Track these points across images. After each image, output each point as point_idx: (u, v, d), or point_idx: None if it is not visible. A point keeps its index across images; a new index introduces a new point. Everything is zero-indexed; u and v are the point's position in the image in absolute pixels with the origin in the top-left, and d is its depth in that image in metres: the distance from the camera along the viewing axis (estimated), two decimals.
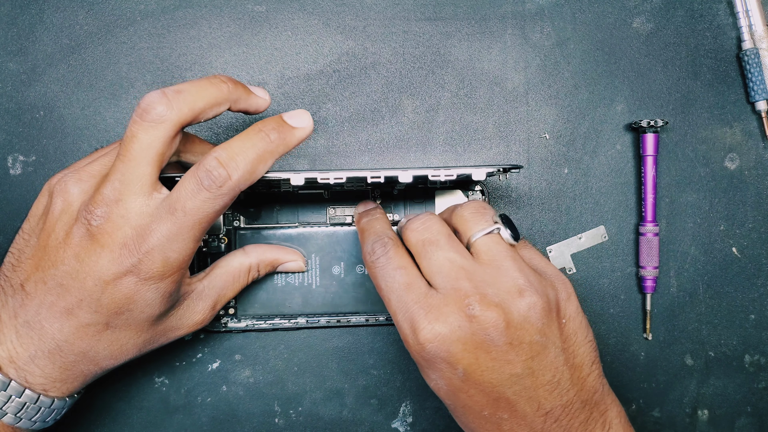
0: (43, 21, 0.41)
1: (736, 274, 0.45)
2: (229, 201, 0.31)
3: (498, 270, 0.32)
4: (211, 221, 0.31)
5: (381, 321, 0.42)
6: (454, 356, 0.31)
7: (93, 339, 0.32)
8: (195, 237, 0.31)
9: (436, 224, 0.34)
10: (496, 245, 0.33)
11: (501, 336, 0.31)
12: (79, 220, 0.31)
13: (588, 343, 0.33)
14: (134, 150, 0.30)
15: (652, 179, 0.43)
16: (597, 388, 0.33)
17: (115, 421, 0.41)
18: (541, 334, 0.31)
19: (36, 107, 0.41)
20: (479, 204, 0.35)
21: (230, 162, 0.30)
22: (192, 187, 0.30)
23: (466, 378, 0.31)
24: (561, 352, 0.32)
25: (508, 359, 0.31)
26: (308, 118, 0.34)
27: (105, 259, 0.30)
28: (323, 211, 0.42)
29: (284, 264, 0.40)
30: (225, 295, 0.37)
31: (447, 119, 0.43)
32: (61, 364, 0.32)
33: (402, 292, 0.32)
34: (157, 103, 0.30)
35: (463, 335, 0.31)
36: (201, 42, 0.42)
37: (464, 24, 0.43)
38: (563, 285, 0.34)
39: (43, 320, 0.31)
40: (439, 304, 0.31)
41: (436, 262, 0.32)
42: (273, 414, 0.42)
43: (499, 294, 0.31)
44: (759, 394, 0.45)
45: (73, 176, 0.33)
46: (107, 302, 0.31)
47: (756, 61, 0.43)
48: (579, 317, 0.33)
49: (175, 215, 0.30)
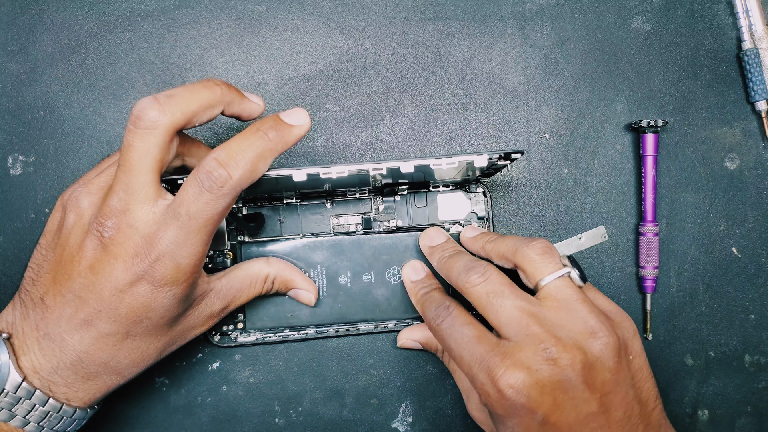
0: (43, 21, 0.41)
1: (736, 274, 0.45)
2: (232, 201, 0.31)
3: (569, 313, 0.32)
4: (217, 222, 0.31)
5: (390, 328, 0.41)
6: (534, 401, 0.30)
7: (113, 349, 0.33)
8: (203, 240, 0.31)
9: (495, 274, 0.34)
10: (567, 288, 0.33)
11: (578, 376, 0.31)
12: (90, 233, 0.31)
13: (651, 378, 0.34)
14: (133, 159, 0.31)
15: (652, 179, 0.43)
16: (661, 422, 0.33)
17: (115, 421, 0.41)
18: (614, 372, 0.32)
19: (36, 107, 0.41)
20: (546, 245, 0.35)
21: (230, 161, 0.30)
22: (194, 190, 0.30)
23: (544, 422, 0.31)
24: (631, 388, 0.32)
25: (585, 398, 0.31)
26: (305, 115, 0.34)
27: (119, 269, 0.31)
28: (327, 221, 0.42)
29: (297, 290, 0.40)
30: (239, 297, 0.37)
31: (447, 119, 0.43)
32: (84, 375, 0.33)
33: (473, 346, 0.32)
34: (149, 109, 0.30)
35: (541, 378, 0.30)
36: (201, 42, 0.42)
37: (464, 24, 0.43)
38: (629, 323, 0.34)
39: (64, 332, 0.32)
40: (513, 351, 0.31)
41: (504, 312, 0.32)
42: (273, 414, 0.42)
43: (572, 336, 0.31)
44: (759, 394, 0.45)
45: (83, 190, 0.33)
46: (125, 311, 0.31)
47: (756, 61, 0.43)
48: (643, 354, 0.34)
49: (180, 220, 0.30)
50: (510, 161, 0.35)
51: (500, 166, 0.37)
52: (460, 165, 0.35)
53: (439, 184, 0.42)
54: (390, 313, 0.41)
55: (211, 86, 0.32)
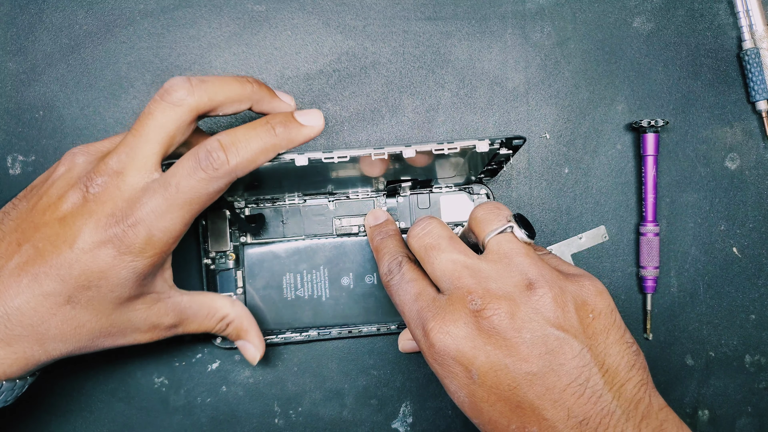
0: (43, 21, 0.41)
1: (736, 274, 0.44)
2: (224, 186, 0.31)
3: (507, 266, 0.31)
4: (203, 204, 0.31)
5: (393, 330, 0.41)
6: (465, 357, 0.29)
7: (48, 312, 0.30)
8: (184, 218, 0.31)
9: (437, 227, 0.33)
10: (508, 243, 0.31)
11: (507, 329, 0.29)
12: (77, 185, 0.31)
13: (624, 343, 0.30)
14: (148, 126, 0.31)
15: (653, 179, 0.43)
16: (641, 398, 0.29)
17: (115, 421, 0.41)
18: (558, 328, 0.29)
19: (35, 107, 0.41)
20: (493, 204, 0.34)
21: (231, 147, 0.30)
22: (190, 165, 0.30)
23: (482, 382, 0.29)
24: (587, 349, 0.29)
25: (522, 355, 0.29)
26: (319, 117, 0.34)
27: (90, 225, 0.30)
28: (329, 222, 0.42)
29: (246, 343, 0.38)
30: (191, 323, 0.36)
31: (447, 119, 0.43)
32: (3, 337, 0.30)
33: (413, 303, 0.32)
34: (179, 87, 0.31)
35: (470, 332, 0.29)
36: (201, 42, 0.42)
37: (464, 24, 0.43)
38: (591, 282, 0.31)
39: (1, 283, 0.30)
40: (445, 305, 0.30)
41: (440, 265, 0.32)
42: (273, 414, 0.42)
43: (504, 288, 0.30)
44: (759, 394, 0.45)
45: (82, 148, 0.33)
46: (78, 272, 0.30)
47: (756, 60, 0.43)
48: (611, 315, 0.31)
49: (168, 190, 0.30)
50: (512, 150, 0.34)
51: (503, 158, 0.36)
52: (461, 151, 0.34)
53: (442, 185, 0.42)
54: (393, 314, 0.41)
55: (243, 82, 0.33)
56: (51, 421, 0.41)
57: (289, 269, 0.41)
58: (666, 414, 0.30)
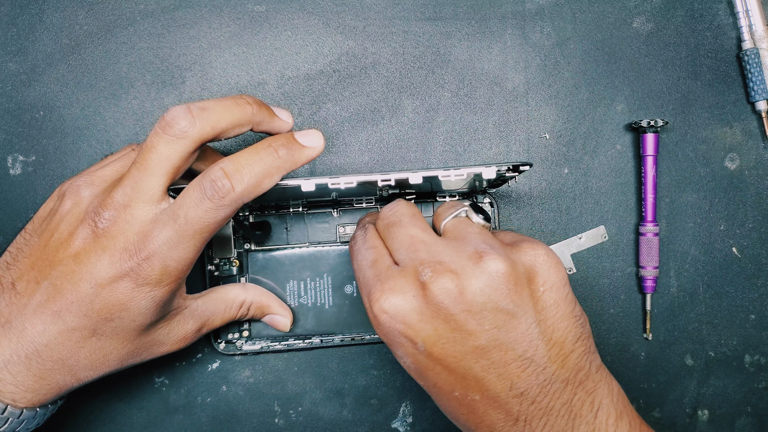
0: (43, 21, 0.41)
1: (736, 274, 0.45)
2: (231, 212, 0.31)
3: (461, 241, 0.31)
4: (213, 231, 0.31)
5: None
6: (412, 328, 0.29)
7: (76, 345, 0.31)
8: (195, 246, 0.31)
9: (402, 207, 0.33)
10: (462, 223, 0.32)
11: (456, 303, 0.29)
12: (85, 221, 0.31)
13: (572, 318, 0.30)
14: (152, 160, 0.31)
15: (652, 179, 0.43)
16: (582, 366, 0.30)
17: (115, 421, 0.41)
18: (509, 302, 0.29)
19: (36, 107, 0.41)
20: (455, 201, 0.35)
21: (235, 174, 0.30)
22: (196, 196, 0.30)
23: (428, 353, 0.29)
24: (536, 324, 0.29)
25: (469, 329, 0.29)
26: (320, 138, 0.34)
27: (104, 261, 0.30)
28: (333, 230, 0.42)
29: (273, 315, 0.40)
30: (213, 320, 0.37)
31: (447, 119, 0.43)
32: (36, 372, 0.31)
33: (366, 269, 0.32)
34: (180, 118, 0.30)
35: (417, 305, 0.29)
36: (201, 42, 0.42)
37: (464, 24, 0.43)
38: (544, 254, 0.31)
39: (26, 321, 0.31)
40: (395, 276, 0.30)
41: (398, 239, 0.32)
42: (273, 414, 0.42)
43: (456, 261, 0.30)
44: (759, 394, 0.45)
45: (85, 179, 0.33)
46: (99, 307, 0.31)
47: (756, 60, 0.43)
48: (562, 289, 0.31)
49: (177, 222, 0.30)
50: (518, 173, 0.34)
51: (508, 178, 0.36)
52: (468, 176, 0.34)
53: (446, 194, 0.42)
54: None
55: (244, 105, 0.32)
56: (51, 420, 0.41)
57: (293, 276, 0.41)
58: (601, 375, 0.31)
